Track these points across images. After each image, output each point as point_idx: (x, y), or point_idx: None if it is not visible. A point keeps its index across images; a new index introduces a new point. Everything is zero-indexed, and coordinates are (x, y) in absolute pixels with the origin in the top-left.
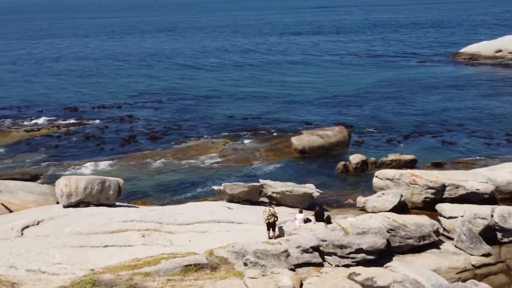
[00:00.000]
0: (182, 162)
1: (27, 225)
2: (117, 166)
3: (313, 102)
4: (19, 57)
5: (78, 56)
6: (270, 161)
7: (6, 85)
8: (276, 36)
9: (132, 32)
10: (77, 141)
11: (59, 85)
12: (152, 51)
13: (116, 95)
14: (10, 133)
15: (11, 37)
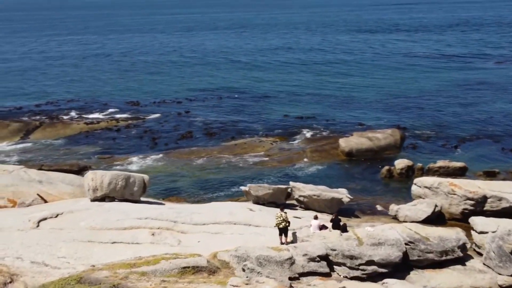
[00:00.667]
0: (226, 160)
1: (45, 217)
2: (163, 162)
3: (373, 103)
4: (95, 51)
5: (148, 51)
6: (314, 162)
7: (77, 78)
8: (350, 34)
9: (206, 28)
10: (134, 135)
11: (125, 79)
12: (220, 48)
13: (178, 90)
14: (71, 125)
15: (92, 31)
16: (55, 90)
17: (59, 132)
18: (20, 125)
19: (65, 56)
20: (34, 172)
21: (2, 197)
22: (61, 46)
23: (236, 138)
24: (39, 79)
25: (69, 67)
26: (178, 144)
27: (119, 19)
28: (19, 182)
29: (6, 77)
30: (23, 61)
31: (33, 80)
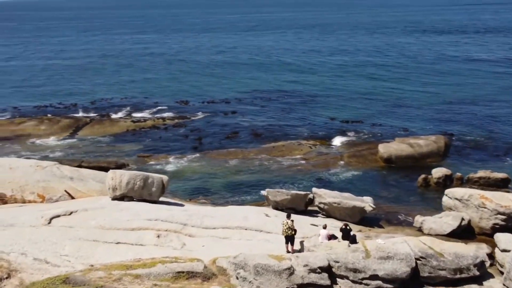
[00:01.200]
0: (261, 163)
1: (58, 215)
2: (199, 162)
3: (424, 109)
4: (153, 50)
5: (205, 51)
6: (351, 168)
7: (132, 77)
8: (411, 36)
9: (265, 29)
10: (178, 134)
11: (178, 79)
12: (276, 49)
13: (228, 90)
14: (118, 123)
15: (156, 30)
16: (110, 88)
17: (106, 130)
18: (71, 121)
19: (124, 55)
20: (67, 168)
21: (32, 192)
22: (123, 44)
23: (277, 140)
24: (96, 77)
25: (126, 65)
26: (220, 145)
27: (184, 18)
28: (50, 178)
29: (66, 74)
30: (84, 59)
31: (91, 77)
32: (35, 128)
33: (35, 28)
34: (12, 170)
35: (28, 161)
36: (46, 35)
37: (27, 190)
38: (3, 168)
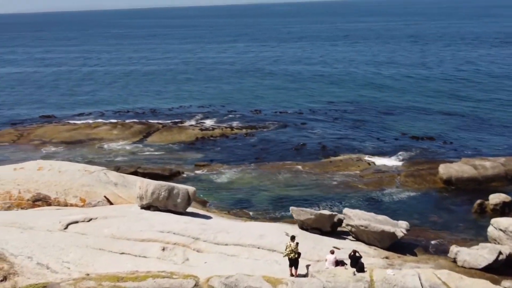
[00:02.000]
0: (313, 177)
1: (77, 221)
2: (253, 173)
3: (501, 128)
4: (247, 59)
5: (293, 60)
6: (406, 188)
7: (216, 84)
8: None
9: (357, 38)
10: (243, 144)
11: (257, 88)
12: (360, 60)
13: (303, 101)
14: (186, 130)
15: (252, 39)
16: (190, 95)
17: (174, 137)
18: (143, 127)
19: (208, 63)
20: (113, 174)
21: (75, 196)
22: (209, 53)
23: (338, 154)
24: (179, 84)
25: (207, 74)
26: (280, 156)
27: (281, 27)
28: (95, 183)
29: (152, 80)
30: (177, 65)
31: (175, 84)
32: (107, 132)
33: (135, 35)
34: (60, 173)
35: (77, 165)
36: (146, 42)
37: (70, 193)
38: (53, 171)
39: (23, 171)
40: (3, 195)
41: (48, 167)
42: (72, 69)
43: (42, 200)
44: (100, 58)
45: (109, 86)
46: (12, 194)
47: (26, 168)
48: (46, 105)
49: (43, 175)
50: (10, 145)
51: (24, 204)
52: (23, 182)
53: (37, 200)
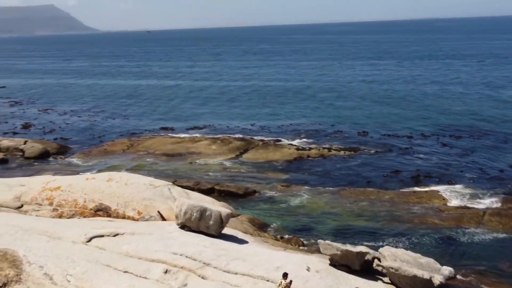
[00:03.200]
0: (390, 208)
1: (102, 235)
2: (328, 198)
3: None
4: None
5: (438, 81)
6: (488, 228)
7: (322, 103)
8: None
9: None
10: (336, 167)
11: (367, 107)
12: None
13: (417, 125)
14: (282, 149)
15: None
16: (305, 112)
17: (268, 155)
18: (241, 143)
19: (345, 81)
20: (177, 190)
21: (134, 209)
22: (356, 71)
23: (429, 184)
24: (294, 101)
25: (322, 91)
26: (367, 182)
27: (444, 44)
28: (156, 198)
29: (267, 96)
30: (304, 82)
31: (291, 101)
32: (207, 147)
33: (276, 51)
34: (126, 185)
35: (145, 178)
36: (282, 58)
37: (130, 206)
38: (120, 183)
39: (93, 181)
40: (71, 202)
41: (117, 179)
42: (207, 84)
43: (103, 210)
44: (236, 73)
45: (234, 101)
46: (78, 203)
47: (97, 179)
48: (171, 117)
49: (110, 186)
50: (119, 154)
51: (87, 213)
52: (90, 191)
53: (99, 210)
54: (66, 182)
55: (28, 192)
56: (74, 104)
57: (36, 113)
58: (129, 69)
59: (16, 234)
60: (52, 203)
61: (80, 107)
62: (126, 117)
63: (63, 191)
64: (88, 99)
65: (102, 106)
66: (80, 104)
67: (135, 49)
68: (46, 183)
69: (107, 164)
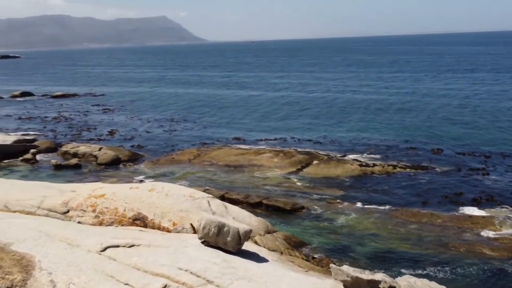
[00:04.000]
0: (440, 233)
1: (118, 245)
2: (375, 217)
3: None
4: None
5: None
6: None
7: (400, 118)
8: None
9: None
10: (398, 185)
11: (447, 123)
12: None
13: (493, 143)
14: (344, 164)
15: None
16: (379, 126)
17: (329, 171)
18: (304, 157)
19: (431, 95)
20: (216, 203)
21: (169, 220)
22: (446, 85)
23: (489, 208)
24: (370, 115)
25: (403, 107)
26: (423, 203)
27: None
28: (194, 210)
29: (353, 109)
30: (391, 95)
31: (369, 116)
32: (268, 160)
33: (357, 62)
34: (166, 196)
35: (186, 190)
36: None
37: (166, 217)
38: (161, 194)
39: (136, 190)
40: (112, 210)
41: (159, 189)
42: (290, 95)
43: (141, 219)
44: (325, 84)
45: (312, 113)
46: (118, 211)
47: (140, 188)
48: (246, 128)
49: (151, 196)
50: (184, 164)
51: (125, 221)
52: (131, 200)
53: (136, 219)
54: (111, 190)
55: (75, 199)
56: (159, 113)
57: (123, 120)
58: (220, 79)
59: (39, 239)
60: (95, 210)
61: (164, 115)
62: (204, 126)
63: (106, 199)
64: (173, 107)
65: (184, 114)
66: (165, 112)
67: (232, 59)
68: (93, 190)
69: (169, 173)
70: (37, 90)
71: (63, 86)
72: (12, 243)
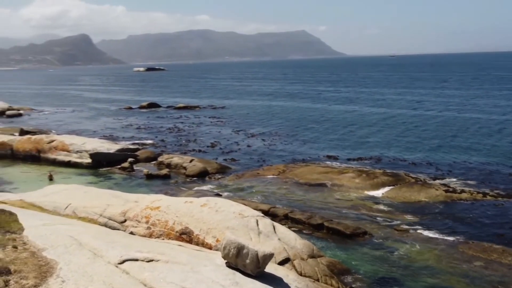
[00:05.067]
0: (504, 273)
1: (137, 259)
2: (440, 250)
3: None
4: None
5: None
6: None
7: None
8: None
9: None
10: (483, 215)
11: None
12: None
13: None
14: (428, 189)
15: None
16: (479, 148)
17: (412, 195)
18: (388, 179)
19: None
20: (265, 222)
21: (214, 236)
22: None
23: None
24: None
25: None
26: (498, 237)
27: None
28: (240, 228)
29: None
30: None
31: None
32: (350, 180)
33: None
34: (216, 212)
35: (236, 207)
36: None
37: (211, 233)
38: (211, 210)
39: (189, 205)
40: (163, 223)
41: (212, 204)
42: (398, 112)
43: (187, 234)
44: (444, 102)
45: (414, 132)
46: (168, 224)
47: (194, 203)
48: (341, 145)
49: (201, 212)
50: (266, 179)
51: (172, 235)
52: (182, 214)
53: (183, 234)
54: (166, 203)
55: (133, 209)
56: (266, 126)
57: (228, 133)
58: (337, 94)
59: (70, 247)
60: (148, 221)
61: (269, 129)
62: (304, 142)
63: (160, 211)
64: (281, 121)
65: (289, 129)
66: (271, 126)
67: (362, 74)
68: (152, 202)
69: (248, 187)
70: (164, 101)
71: (190, 98)
72: (46, 249)
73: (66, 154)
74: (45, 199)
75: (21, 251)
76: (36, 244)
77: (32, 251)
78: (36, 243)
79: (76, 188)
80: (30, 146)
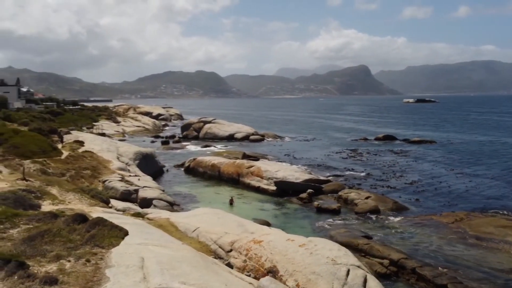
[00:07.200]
0: None
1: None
2: None
3: None
4: None
5: None
6: None
7: None
8: None
9: None
10: None
11: None
12: None
13: None
14: None
15: None
16: None
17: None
18: None
19: None
20: (356, 274)
21: (296, 280)
22: None
23: None
24: None
25: None
26: None
27: None
28: (326, 275)
29: None
30: None
31: None
32: None
33: None
34: (311, 255)
35: (335, 252)
36: None
37: (294, 276)
38: (307, 252)
39: (289, 243)
40: (257, 258)
41: (310, 246)
42: None
43: (273, 273)
44: None
45: None
46: (260, 260)
47: (294, 241)
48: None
49: (296, 252)
50: (437, 226)
51: (260, 271)
52: (276, 252)
53: (269, 272)
54: (270, 238)
55: (240, 240)
56: (483, 166)
57: (438, 171)
58: None
59: (131, 268)
60: (247, 254)
61: (487, 170)
62: None
63: (260, 246)
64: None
65: (506, 172)
66: (492, 167)
67: None
68: (260, 236)
69: (409, 232)
70: (405, 133)
71: (431, 131)
72: (112, 266)
73: (258, 180)
74: (184, 221)
75: (89, 265)
76: (109, 261)
77: (99, 267)
78: (112, 260)
79: (215, 213)
80: (233, 170)
